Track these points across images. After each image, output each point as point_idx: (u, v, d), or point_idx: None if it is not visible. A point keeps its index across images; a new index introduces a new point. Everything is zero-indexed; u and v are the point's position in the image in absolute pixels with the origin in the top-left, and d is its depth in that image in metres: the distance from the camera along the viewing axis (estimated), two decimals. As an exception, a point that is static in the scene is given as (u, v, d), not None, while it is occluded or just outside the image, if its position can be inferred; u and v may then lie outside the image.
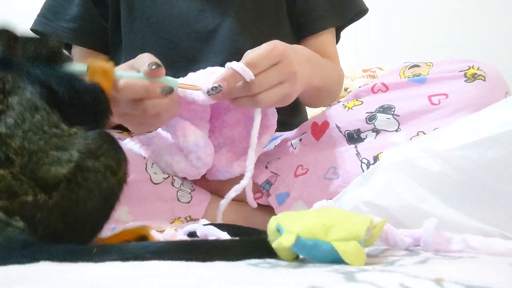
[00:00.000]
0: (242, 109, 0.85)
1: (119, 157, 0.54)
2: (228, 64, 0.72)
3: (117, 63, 0.75)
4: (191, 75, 0.79)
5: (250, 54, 0.73)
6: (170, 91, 0.69)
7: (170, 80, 0.71)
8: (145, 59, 0.69)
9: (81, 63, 0.63)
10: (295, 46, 0.81)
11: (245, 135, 0.86)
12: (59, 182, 0.52)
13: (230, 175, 0.85)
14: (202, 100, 0.75)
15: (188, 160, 0.81)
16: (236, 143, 0.87)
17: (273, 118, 0.84)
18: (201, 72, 0.79)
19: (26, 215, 0.50)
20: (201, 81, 0.75)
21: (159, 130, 0.88)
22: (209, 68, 0.80)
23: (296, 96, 0.80)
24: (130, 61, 0.73)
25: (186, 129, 0.79)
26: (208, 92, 0.72)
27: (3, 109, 0.53)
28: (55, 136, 0.53)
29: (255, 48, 0.74)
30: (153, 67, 0.67)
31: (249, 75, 0.71)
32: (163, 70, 0.69)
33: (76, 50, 1.03)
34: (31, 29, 1.01)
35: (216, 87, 0.71)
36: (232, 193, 0.79)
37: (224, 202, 0.80)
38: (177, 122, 0.79)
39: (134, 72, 0.70)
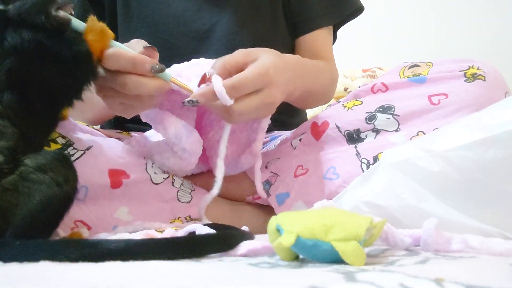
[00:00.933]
0: None
1: (68, 173, 0.61)
2: (214, 77, 0.70)
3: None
4: (175, 66, 0.78)
5: (238, 76, 0.71)
6: (160, 70, 0.67)
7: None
8: (137, 46, 0.69)
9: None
10: (284, 57, 0.80)
11: (244, 123, 0.85)
12: None
13: (240, 170, 0.85)
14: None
15: (175, 154, 0.80)
16: (237, 132, 0.86)
17: None
18: (185, 64, 0.78)
19: None
20: (184, 72, 0.74)
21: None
22: (193, 60, 0.79)
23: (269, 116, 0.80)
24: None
25: (165, 120, 0.77)
26: (183, 103, 0.71)
27: None
28: None
29: (249, 57, 0.73)
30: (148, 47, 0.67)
31: (226, 101, 0.69)
32: (157, 52, 0.68)
33: None
34: None
35: (192, 101, 0.70)
36: (203, 203, 0.81)
37: (201, 211, 0.82)
38: (157, 114, 0.77)
39: (129, 49, 0.69)
